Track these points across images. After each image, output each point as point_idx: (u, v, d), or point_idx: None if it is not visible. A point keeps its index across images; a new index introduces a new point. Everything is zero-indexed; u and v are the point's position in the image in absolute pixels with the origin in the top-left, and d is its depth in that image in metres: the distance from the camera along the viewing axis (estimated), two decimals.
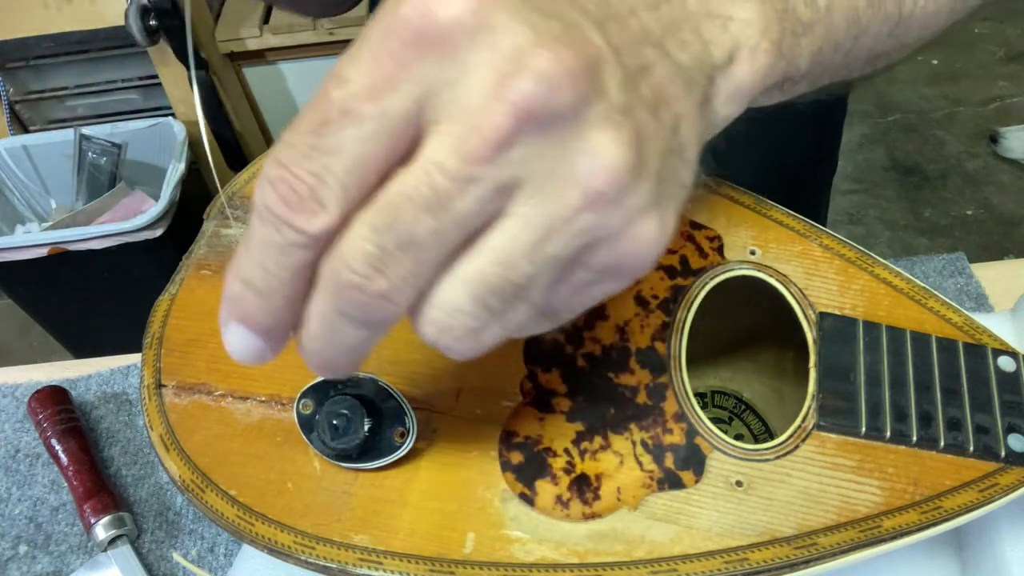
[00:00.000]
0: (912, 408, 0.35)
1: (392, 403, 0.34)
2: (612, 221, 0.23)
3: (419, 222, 0.22)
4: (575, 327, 0.37)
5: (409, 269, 0.22)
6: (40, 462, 0.55)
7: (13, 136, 1.40)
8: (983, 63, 2.05)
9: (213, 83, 1.35)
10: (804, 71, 0.32)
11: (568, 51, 0.22)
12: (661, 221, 0.24)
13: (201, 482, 0.35)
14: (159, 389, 0.37)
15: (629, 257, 0.24)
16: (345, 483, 0.34)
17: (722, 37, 0.28)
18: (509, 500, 0.34)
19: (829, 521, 0.33)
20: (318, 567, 0.33)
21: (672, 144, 0.25)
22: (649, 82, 0.25)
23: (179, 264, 0.41)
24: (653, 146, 0.24)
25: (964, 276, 0.57)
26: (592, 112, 0.22)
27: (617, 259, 0.24)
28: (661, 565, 0.32)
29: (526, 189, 0.22)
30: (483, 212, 0.22)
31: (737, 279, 0.38)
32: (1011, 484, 0.34)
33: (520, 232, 0.23)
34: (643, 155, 0.23)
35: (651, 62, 0.25)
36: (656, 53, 0.26)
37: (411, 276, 0.22)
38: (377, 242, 0.22)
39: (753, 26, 0.29)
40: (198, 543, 0.50)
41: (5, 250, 1.22)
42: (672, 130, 0.26)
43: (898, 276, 0.38)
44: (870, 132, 1.95)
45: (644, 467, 0.34)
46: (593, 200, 0.23)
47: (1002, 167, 1.83)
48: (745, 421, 0.46)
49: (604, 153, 0.22)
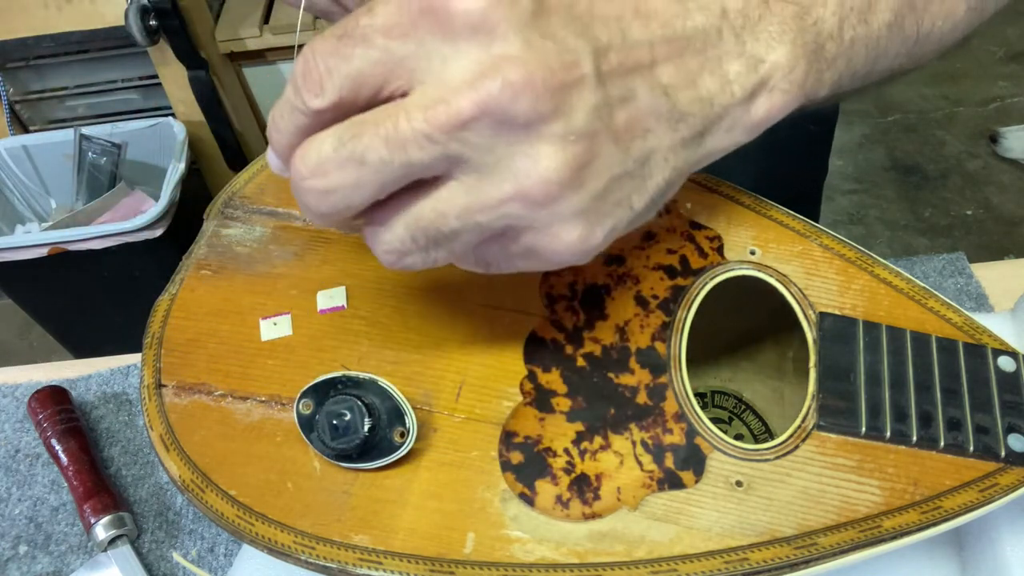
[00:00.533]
0: (912, 408, 0.35)
1: (392, 403, 0.34)
2: (537, 217, 0.27)
3: (374, 148, 0.26)
4: (575, 327, 0.37)
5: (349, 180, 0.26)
6: (40, 462, 0.55)
7: (13, 136, 1.40)
8: (983, 63, 2.05)
9: (213, 83, 1.35)
10: (822, 98, 0.34)
11: (543, 72, 0.25)
12: (584, 231, 0.28)
13: (201, 482, 0.35)
14: (159, 389, 0.37)
15: (548, 250, 0.28)
16: (345, 483, 0.34)
17: (749, 77, 0.30)
18: (509, 500, 0.34)
19: (829, 521, 0.33)
20: (318, 567, 0.33)
21: (632, 171, 0.29)
22: (627, 112, 0.28)
23: (179, 264, 0.41)
24: (602, 169, 0.27)
25: (964, 276, 0.57)
26: (547, 128, 0.26)
27: (536, 247, 0.28)
28: (661, 565, 0.32)
29: (472, 165, 0.26)
30: (428, 168, 0.26)
31: (737, 279, 0.38)
32: (1011, 484, 0.34)
33: (456, 196, 0.27)
34: (583, 175, 0.27)
35: (639, 95, 0.28)
36: (650, 89, 0.28)
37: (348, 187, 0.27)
38: (335, 148, 0.26)
39: (781, 68, 0.31)
40: (198, 543, 0.50)
41: (5, 250, 1.22)
42: (638, 160, 0.29)
43: (898, 276, 0.38)
44: (870, 132, 1.95)
45: (644, 467, 0.34)
46: (521, 197, 0.26)
47: (1002, 167, 1.83)
48: (745, 421, 0.46)
49: (543, 164, 0.26)
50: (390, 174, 0.26)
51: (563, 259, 0.29)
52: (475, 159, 0.26)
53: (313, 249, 0.40)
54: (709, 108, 0.30)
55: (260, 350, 0.38)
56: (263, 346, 0.38)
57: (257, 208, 0.42)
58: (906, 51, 0.35)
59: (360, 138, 0.26)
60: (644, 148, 0.29)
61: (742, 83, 0.30)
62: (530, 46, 0.25)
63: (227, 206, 0.42)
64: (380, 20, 0.26)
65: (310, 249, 0.40)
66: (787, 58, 0.31)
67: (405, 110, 0.26)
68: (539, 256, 0.29)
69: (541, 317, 0.37)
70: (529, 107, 0.25)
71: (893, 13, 0.34)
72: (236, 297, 0.39)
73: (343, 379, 0.35)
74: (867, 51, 0.34)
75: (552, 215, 0.27)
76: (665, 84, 0.29)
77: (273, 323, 0.38)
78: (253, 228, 0.41)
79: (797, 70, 0.31)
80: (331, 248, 0.40)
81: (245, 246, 0.41)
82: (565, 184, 0.26)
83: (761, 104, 0.31)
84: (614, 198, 0.29)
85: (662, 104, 0.29)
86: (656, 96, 0.29)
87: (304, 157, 0.27)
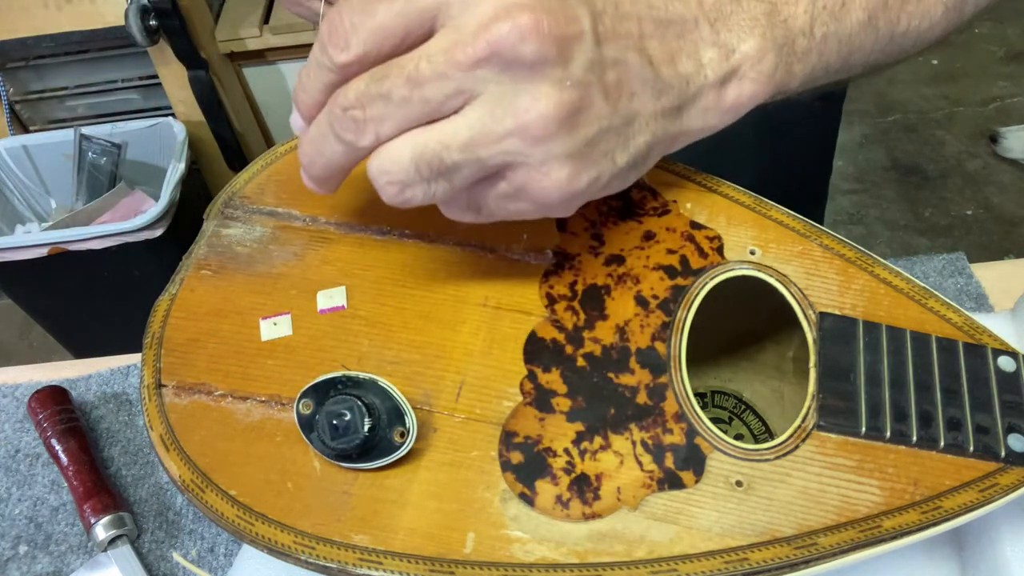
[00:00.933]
0: (912, 408, 0.35)
1: (392, 403, 0.34)
2: (531, 153, 0.30)
3: (397, 86, 0.29)
4: (575, 327, 0.37)
5: (379, 112, 0.30)
6: (40, 462, 0.55)
7: (13, 136, 1.40)
8: (983, 63, 2.05)
9: (213, 83, 1.35)
10: (795, 88, 0.36)
11: (550, 21, 0.28)
12: (572, 173, 0.31)
13: (201, 482, 0.35)
14: (159, 389, 0.37)
15: (537, 187, 0.31)
16: (345, 483, 0.34)
17: (721, 64, 0.34)
18: (509, 500, 0.34)
19: (829, 521, 0.33)
20: (318, 567, 0.33)
21: (618, 127, 0.32)
22: (617, 73, 0.31)
23: (179, 264, 0.41)
24: (592, 119, 0.31)
25: (964, 276, 0.57)
26: (549, 71, 0.29)
27: (528, 183, 0.31)
28: (661, 565, 0.32)
29: (480, 100, 0.29)
30: (444, 102, 0.30)
31: (737, 279, 0.38)
32: (1011, 484, 0.34)
33: (462, 128, 0.30)
34: (576, 119, 0.30)
35: (629, 61, 0.31)
36: (638, 57, 0.32)
37: (378, 118, 0.30)
38: (367, 86, 0.30)
39: (751, 59, 0.34)
40: (198, 543, 0.50)
41: (5, 250, 1.22)
42: (624, 119, 0.32)
43: (898, 276, 0.38)
44: (870, 132, 1.95)
45: (644, 467, 0.34)
46: (520, 131, 0.30)
47: (1002, 167, 1.83)
48: (745, 421, 0.46)
49: (542, 102, 0.29)
50: (410, 109, 0.30)
51: (550, 198, 0.32)
52: (485, 92, 0.29)
53: (313, 249, 0.40)
54: (686, 85, 0.33)
55: (260, 350, 0.38)
56: (263, 346, 0.38)
57: (257, 208, 0.42)
58: (881, 48, 0.37)
59: (387, 79, 0.30)
60: (630, 108, 0.32)
61: (714, 68, 0.33)
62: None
63: (227, 206, 0.42)
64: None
65: (310, 249, 0.40)
66: (756, 50, 0.34)
67: (427, 52, 0.29)
68: (528, 195, 0.32)
69: (541, 317, 0.37)
70: (535, 50, 0.28)
71: (867, 12, 0.36)
72: (236, 297, 0.39)
73: (343, 379, 0.35)
74: (840, 47, 0.36)
75: (546, 152, 0.30)
76: (651, 55, 0.32)
77: (273, 323, 0.38)
78: (253, 228, 0.41)
79: (766, 61, 0.34)
80: (331, 248, 0.40)
81: (245, 246, 0.41)
82: (561, 123, 0.30)
83: (732, 90, 0.34)
84: (601, 148, 0.32)
85: (648, 73, 0.32)
86: (643, 64, 0.32)
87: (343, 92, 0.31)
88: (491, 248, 0.39)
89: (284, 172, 0.43)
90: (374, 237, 0.40)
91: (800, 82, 0.36)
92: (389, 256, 0.40)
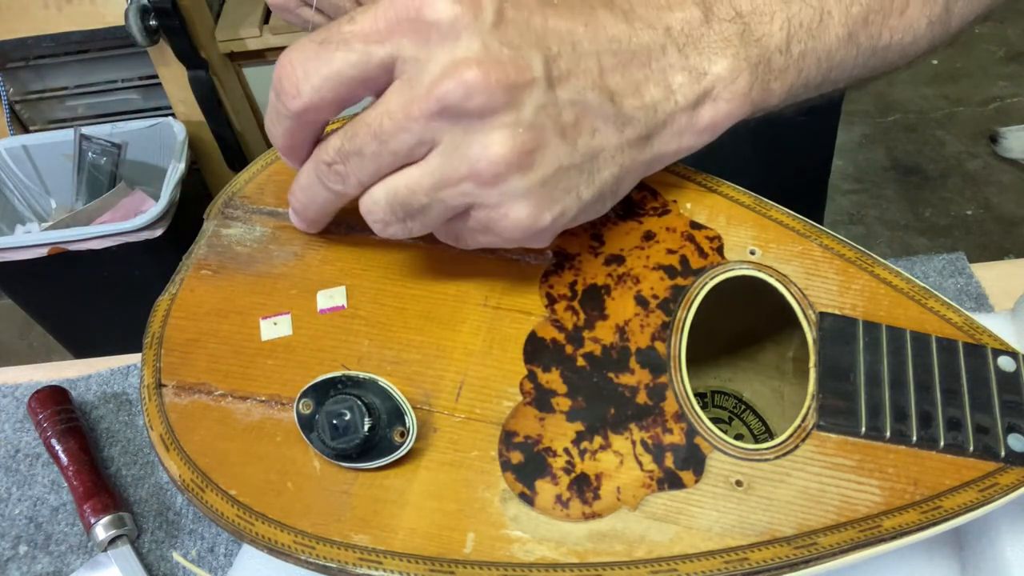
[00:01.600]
0: (912, 408, 0.35)
1: (392, 403, 0.34)
2: (487, 195, 0.32)
3: (367, 143, 0.32)
4: (575, 327, 0.37)
5: (357, 166, 0.33)
6: (40, 462, 0.55)
7: (13, 136, 1.40)
8: (983, 63, 2.05)
9: (213, 83, 1.35)
10: (775, 105, 0.37)
11: (498, 72, 0.30)
12: (533, 211, 0.32)
13: (201, 482, 0.35)
14: (159, 389, 0.37)
15: (499, 226, 0.33)
16: (345, 483, 0.34)
17: (692, 88, 0.34)
18: (509, 500, 0.34)
19: (829, 521, 0.33)
20: (318, 567, 0.33)
21: (580, 164, 0.33)
22: (575, 113, 0.32)
23: (179, 264, 0.41)
24: (549, 159, 0.32)
25: (964, 276, 0.57)
26: (500, 118, 0.30)
27: (490, 222, 0.33)
28: (661, 565, 0.32)
29: (440, 148, 0.31)
30: (411, 151, 0.32)
31: (737, 279, 0.38)
32: (1011, 484, 0.34)
33: (426, 174, 0.32)
34: (530, 160, 0.31)
35: (588, 99, 0.32)
36: (597, 94, 0.32)
37: (357, 169, 0.33)
38: (342, 143, 0.32)
39: (723, 80, 0.35)
40: (198, 543, 0.50)
41: (5, 250, 1.22)
42: (585, 155, 0.33)
43: (898, 276, 0.38)
44: (870, 132, 1.95)
45: (644, 467, 0.34)
46: (474, 176, 0.31)
47: (1002, 167, 1.83)
48: (745, 421, 0.46)
49: (493, 148, 0.31)
50: (381, 160, 0.32)
51: (514, 236, 0.33)
52: (443, 144, 0.31)
53: (313, 249, 0.40)
54: (653, 114, 0.34)
55: (260, 350, 0.38)
56: (263, 346, 0.38)
57: (257, 208, 0.42)
58: (864, 63, 0.38)
59: (356, 137, 0.32)
60: (592, 145, 0.33)
61: (685, 93, 0.34)
62: (488, 50, 0.30)
63: (227, 206, 0.42)
64: (360, 27, 0.30)
65: (310, 249, 0.40)
66: (728, 70, 0.34)
67: (387, 109, 0.31)
68: (494, 232, 0.34)
69: (541, 317, 0.38)
70: (482, 102, 0.30)
71: (846, 28, 0.36)
72: (236, 297, 0.39)
73: (343, 379, 0.35)
74: (819, 63, 0.36)
75: (501, 194, 0.32)
76: (612, 90, 0.33)
77: (273, 323, 0.38)
78: (253, 228, 0.41)
79: (740, 81, 0.35)
80: (331, 248, 0.40)
81: (245, 246, 0.41)
82: (512, 166, 0.31)
83: (706, 111, 0.35)
84: (563, 186, 0.33)
85: (608, 108, 0.33)
86: (603, 101, 0.33)
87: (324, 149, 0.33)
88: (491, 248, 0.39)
89: (284, 172, 0.43)
90: (374, 237, 0.40)
91: (780, 99, 0.36)
92: (389, 256, 0.40)
